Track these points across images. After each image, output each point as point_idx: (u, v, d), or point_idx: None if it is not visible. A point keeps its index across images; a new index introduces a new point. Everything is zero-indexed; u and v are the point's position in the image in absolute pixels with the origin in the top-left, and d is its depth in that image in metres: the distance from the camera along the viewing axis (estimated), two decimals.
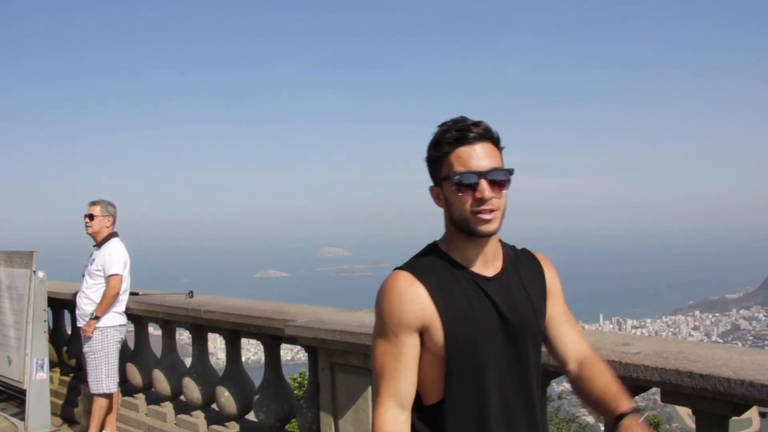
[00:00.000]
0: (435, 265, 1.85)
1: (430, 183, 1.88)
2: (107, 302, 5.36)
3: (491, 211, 1.75)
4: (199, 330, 5.24)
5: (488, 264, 1.87)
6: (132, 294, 5.73)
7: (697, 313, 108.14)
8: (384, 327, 1.82)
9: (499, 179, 1.77)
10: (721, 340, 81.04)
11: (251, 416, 4.90)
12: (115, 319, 5.46)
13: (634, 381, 2.51)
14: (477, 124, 1.78)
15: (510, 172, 1.80)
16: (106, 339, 5.40)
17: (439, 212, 1.89)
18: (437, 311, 1.77)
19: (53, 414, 6.19)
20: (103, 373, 5.40)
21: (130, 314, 5.74)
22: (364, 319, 3.66)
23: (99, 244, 5.51)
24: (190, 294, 5.48)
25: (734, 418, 2.39)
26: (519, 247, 2.05)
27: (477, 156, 1.76)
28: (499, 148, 1.84)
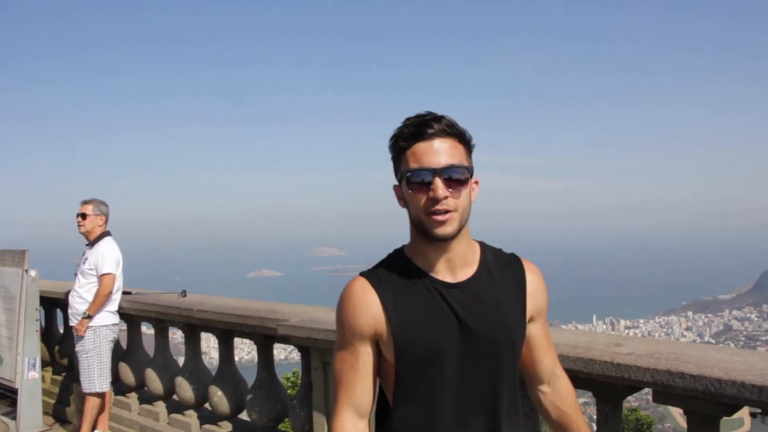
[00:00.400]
0: (395, 271, 1.75)
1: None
2: (100, 301, 5.34)
3: (446, 211, 1.62)
4: (192, 329, 5.23)
5: (455, 269, 1.74)
6: (125, 293, 5.71)
7: (690, 313, 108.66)
8: (340, 335, 1.78)
9: (457, 177, 1.63)
10: (713, 341, 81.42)
11: (244, 416, 4.89)
12: (108, 318, 5.44)
13: (626, 381, 2.52)
14: (438, 118, 1.66)
15: (468, 169, 1.67)
16: (98, 338, 5.38)
17: None
18: (387, 320, 1.69)
19: (45, 413, 6.16)
20: (95, 372, 5.37)
21: (122, 313, 5.72)
22: None
23: (92, 243, 5.49)
24: (183, 293, 5.47)
25: (725, 418, 2.40)
26: (509, 251, 1.90)
27: (433, 152, 1.63)
28: (466, 145, 1.71)
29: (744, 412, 2.57)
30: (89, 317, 5.34)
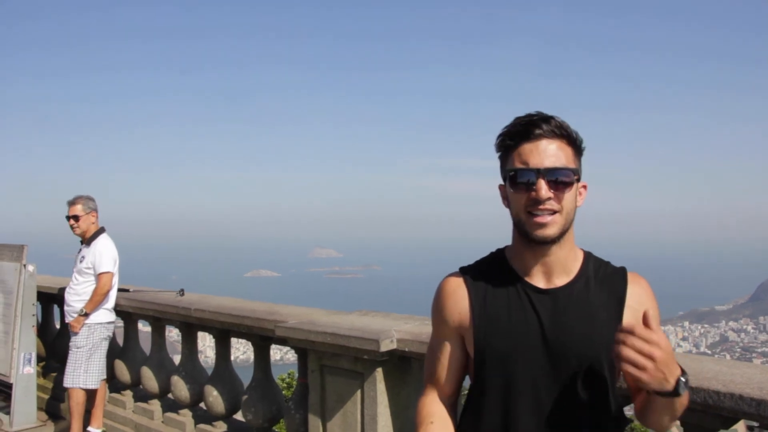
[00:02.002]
0: (490, 270, 1.76)
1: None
2: (97, 299, 5.33)
3: (548, 213, 1.59)
4: (189, 328, 5.22)
5: (551, 276, 1.69)
6: (123, 291, 5.70)
7: (687, 323, 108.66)
8: (434, 325, 1.85)
9: (561, 180, 1.59)
10: (709, 352, 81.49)
11: (239, 416, 4.88)
12: (104, 315, 5.44)
13: (624, 392, 2.51)
14: (547, 119, 1.62)
15: (574, 171, 1.62)
16: (92, 335, 5.37)
17: (433, 219, 1.79)
18: (471, 319, 1.71)
19: (39, 409, 6.15)
20: (81, 368, 5.34)
21: (120, 311, 5.71)
22: (354, 322, 3.66)
23: (88, 241, 5.47)
24: (181, 292, 5.46)
25: (722, 430, 2.39)
26: (619, 265, 1.79)
27: (539, 153, 1.60)
28: (575, 148, 1.66)
29: (740, 425, 2.56)
30: (86, 315, 5.33)
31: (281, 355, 45.84)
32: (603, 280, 1.71)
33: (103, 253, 5.38)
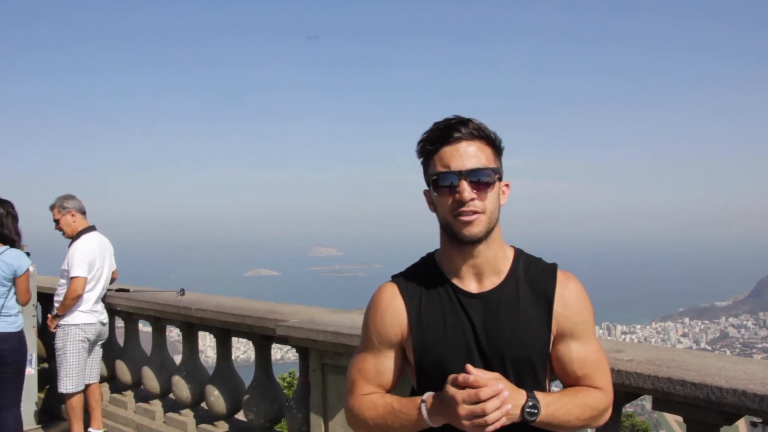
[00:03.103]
0: (423, 277, 1.76)
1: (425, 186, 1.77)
2: (66, 303, 5.19)
3: (473, 212, 1.61)
4: (190, 328, 5.21)
5: (481, 277, 1.71)
6: (123, 291, 5.69)
7: (687, 320, 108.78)
8: (366, 338, 1.81)
9: (483, 180, 1.63)
10: (709, 348, 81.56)
11: (240, 416, 4.88)
12: (80, 317, 5.26)
13: (626, 388, 2.51)
14: (464, 122, 1.66)
15: (495, 171, 1.66)
16: (66, 337, 5.23)
17: (433, 217, 1.76)
18: (410, 331, 1.72)
19: (40, 410, 6.14)
20: (62, 372, 5.24)
21: (120, 311, 5.70)
22: (356, 321, 3.65)
23: (70, 243, 5.37)
24: (182, 292, 5.45)
25: (725, 426, 2.39)
26: (551, 261, 1.81)
27: (459, 156, 1.63)
28: (494, 148, 1.70)
29: (741, 421, 2.56)
30: (57, 316, 5.27)
31: (281, 354, 45.87)
32: (532, 280, 1.72)
33: (74, 256, 5.21)
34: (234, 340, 5.07)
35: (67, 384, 5.24)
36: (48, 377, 6.75)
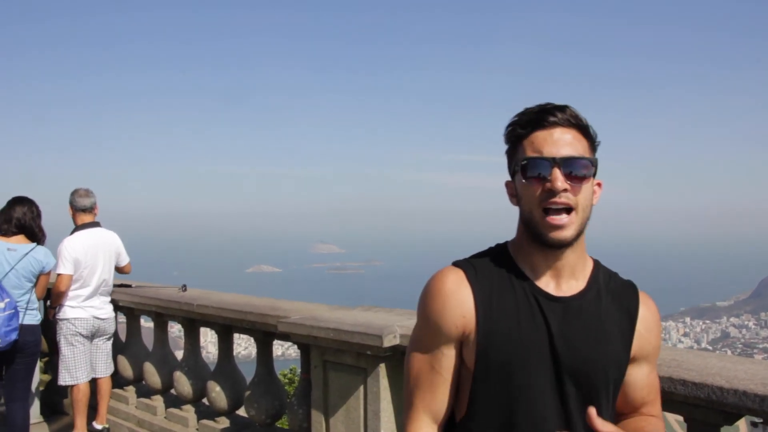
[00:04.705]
0: (494, 268, 1.55)
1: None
2: (54, 299, 5.29)
3: (565, 210, 1.44)
4: (192, 324, 5.22)
5: (560, 281, 1.53)
6: (124, 286, 5.70)
7: (688, 319, 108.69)
8: (423, 332, 1.58)
9: (579, 171, 1.45)
10: (710, 347, 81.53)
11: (242, 412, 4.89)
12: (69, 312, 5.28)
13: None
14: (561, 108, 1.49)
15: (592, 162, 1.48)
16: (60, 331, 5.31)
17: (434, 214, 1.64)
18: (476, 323, 1.50)
19: (44, 404, 6.16)
20: (60, 365, 5.31)
21: (122, 306, 5.71)
22: (358, 318, 3.65)
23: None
24: (184, 288, 5.46)
25: (726, 426, 2.39)
26: (626, 278, 1.66)
27: (554, 142, 1.45)
28: (590, 140, 1.52)
29: (741, 421, 2.56)
30: (52, 307, 5.36)
31: (283, 351, 45.92)
32: (615, 294, 1.58)
33: (59, 254, 5.25)
34: (235, 336, 5.08)
35: (65, 376, 5.29)
36: (50, 372, 6.77)
